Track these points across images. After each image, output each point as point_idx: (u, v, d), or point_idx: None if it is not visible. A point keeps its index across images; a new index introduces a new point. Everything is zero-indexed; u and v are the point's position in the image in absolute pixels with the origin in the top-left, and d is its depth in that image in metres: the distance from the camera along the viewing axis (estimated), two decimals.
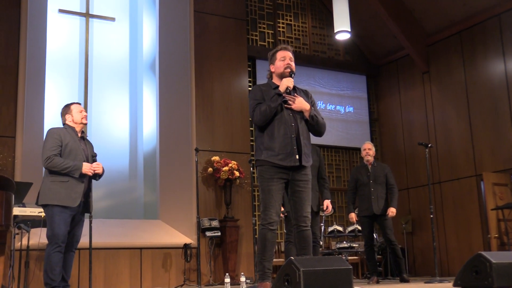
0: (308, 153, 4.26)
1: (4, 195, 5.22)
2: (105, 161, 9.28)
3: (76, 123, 5.29)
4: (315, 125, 4.32)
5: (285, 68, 4.33)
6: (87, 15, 9.90)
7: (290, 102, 4.22)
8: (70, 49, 9.73)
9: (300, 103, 4.26)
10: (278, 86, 4.28)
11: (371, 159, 7.49)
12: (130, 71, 10.21)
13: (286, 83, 4.22)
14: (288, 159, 4.15)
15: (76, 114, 5.31)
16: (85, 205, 5.23)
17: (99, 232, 7.87)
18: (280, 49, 4.44)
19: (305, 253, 4.18)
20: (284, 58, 4.37)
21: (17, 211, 6.29)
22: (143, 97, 10.14)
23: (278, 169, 4.17)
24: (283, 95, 4.23)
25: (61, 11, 9.68)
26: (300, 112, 4.27)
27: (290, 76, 4.30)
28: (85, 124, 5.39)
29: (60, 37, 9.65)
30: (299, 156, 4.16)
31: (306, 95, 4.46)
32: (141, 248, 8.78)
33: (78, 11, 9.88)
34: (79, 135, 5.30)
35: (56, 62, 9.46)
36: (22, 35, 8.62)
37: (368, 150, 7.52)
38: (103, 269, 8.43)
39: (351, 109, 11.55)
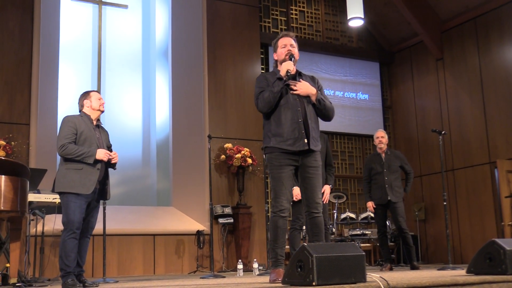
0: (317, 137, 4.24)
1: (19, 182, 5.28)
2: (118, 149, 9.29)
3: (93, 109, 5.29)
4: (323, 109, 4.30)
5: (286, 55, 4.32)
6: (100, 2, 9.91)
7: (292, 86, 4.21)
8: (83, 36, 9.77)
9: (304, 87, 4.24)
10: None
11: (384, 147, 7.44)
12: (143, 58, 10.23)
13: (286, 67, 4.20)
14: (297, 143, 4.14)
15: (94, 100, 5.31)
16: (102, 192, 5.26)
17: (113, 219, 7.94)
18: (281, 37, 4.44)
19: (318, 240, 4.17)
20: (284, 45, 4.37)
21: (32, 197, 6.35)
22: (156, 85, 10.16)
23: (287, 155, 4.16)
24: (288, 81, 4.21)
25: None
26: (307, 97, 4.26)
27: (290, 60, 4.28)
28: (103, 111, 5.39)
29: (73, 24, 9.68)
30: (307, 140, 4.16)
31: (313, 80, 4.44)
32: (154, 235, 8.85)
33: None
34: (95, 123, 5.32)
35: (69, 49, 9.50)
36: (36, 23, 8.65)
37: (381, 138, 7.46)
38: (117, 255, 8.51)
39: (364, 96, 11.51)
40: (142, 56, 10.23)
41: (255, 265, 7.26)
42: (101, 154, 5.10)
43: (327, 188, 6.20)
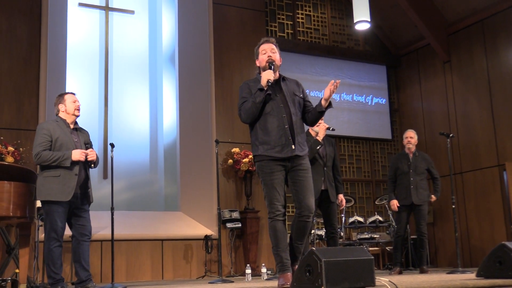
0: (302, 142, 4.29)
1: (28, 187, 5.30)
2: (125, 154, 9.44)
3: (68, 113, 5.14)
4: (321, 115, 4.38)
5: (267, 62, 4.32)
6: (106, 8, 9.95)
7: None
8: (90, 42, 9.80)
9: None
10: None
11: (412, 147, 7.40)
12: (149, 63, 10.25)
13: (266, 77, 4.21)
14: (285, 150, 4.18)
15: (69, 104, 5.15)
16: (85, 196, 5.13)
17: (121, 224, 7.95)
18: (262, 43, 4.44)
19: (299, 241, 4.26)
20: (265, 51, 4.37)
21: (40, 203, 6.36)
22: (163, 90, 10.18)
23: (276, 161, 4.20)
24: (269, 91, 4.22)
25: (81, 4, 9.74)
26: (292, 102, 4.28)
27: (270, 68, 4.27)
28: (78, 116, 5.21)
29: (80, 30, 9.72)
30: (294, 146, 4.18)
31: (297, 85, 4.47)
32: (162, 240, 8.85)
33: (98, 4, 9.94)
34: (72, 126, 5.16)
35: (77, 55, 9.54)
36: (43, 29, 8.70)
37: (410, 139, 7.42)
38: (125, 261, 8.51)
39: (371, 99, 11.48)
40: (149, 61, 10.25)
41: (264, 270, 7.25)
42: (77, 154, 4.95)
43: (343, 198, 6.24)
